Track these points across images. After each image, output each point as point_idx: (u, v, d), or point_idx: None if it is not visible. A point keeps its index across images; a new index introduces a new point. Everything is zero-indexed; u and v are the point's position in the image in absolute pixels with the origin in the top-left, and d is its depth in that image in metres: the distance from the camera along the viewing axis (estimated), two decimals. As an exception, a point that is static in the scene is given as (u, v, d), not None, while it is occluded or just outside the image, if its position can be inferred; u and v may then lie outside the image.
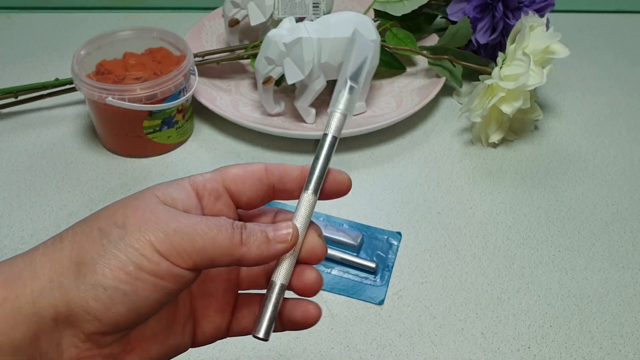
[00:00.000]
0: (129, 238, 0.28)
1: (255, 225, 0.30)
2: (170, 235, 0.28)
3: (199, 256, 0.29)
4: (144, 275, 0.28)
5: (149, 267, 0.28)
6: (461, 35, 0.75)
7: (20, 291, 0.27)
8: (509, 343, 0.52)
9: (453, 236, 0.61)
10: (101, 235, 0.28)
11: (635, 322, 0.54)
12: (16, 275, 0.28)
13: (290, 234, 0.31)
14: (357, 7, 0.86)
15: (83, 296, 0.27)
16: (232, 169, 0.32)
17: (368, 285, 0.56)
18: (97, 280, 0.27)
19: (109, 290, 0.27)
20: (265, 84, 0.68)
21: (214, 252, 0.29)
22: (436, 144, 0.72)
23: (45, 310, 0.27)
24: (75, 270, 0.28)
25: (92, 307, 0.27)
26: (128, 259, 0.27)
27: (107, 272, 0.27)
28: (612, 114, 0.77)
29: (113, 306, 0.27)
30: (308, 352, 0.51)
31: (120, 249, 0.28)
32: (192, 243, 0.28)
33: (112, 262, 0.27)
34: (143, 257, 0.28)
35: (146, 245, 0.28)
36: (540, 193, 0.66)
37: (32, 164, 0.68)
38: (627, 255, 0.59)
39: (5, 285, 0.27)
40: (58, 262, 0.28)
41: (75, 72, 0.64)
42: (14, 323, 0.27)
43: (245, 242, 0.30)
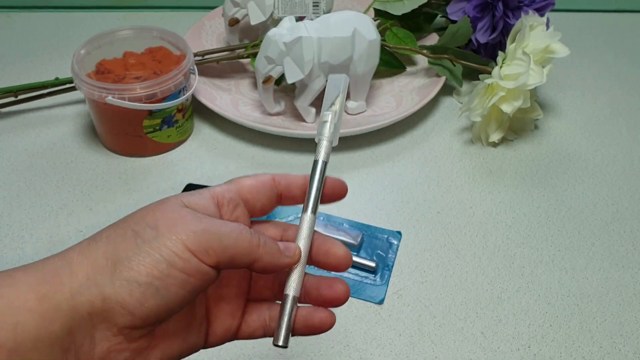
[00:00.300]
0: (161, 237, 0.30)
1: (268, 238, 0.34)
2: (199, 234, 0.31)
3: (223, 254, 0.31)
4: (175, 272, 0.30)
5: (180, 265, 0.30)
6: (461, 35, 0.75)
7: (58, 288, 0.29)
8: (509, 342, 0.52)
9: (453, 235, 0.61)
10: (135, 235, 0.30)
11: (635, 322, 0.54)
12: (53, 274, 0.29)
13: (296, 252, 0.35)
14: (357, 7, 0.85)
15: (118, 292, 0.29)
16: (245, 181, 0.35)
17: (368, 284, 0.56)
18: (132, 276, 0.29)
19: (143, 286, 0.29)
20: (265, 83, 0.68)
21: (236, 251, 0.32)
22: (436, 144, 0.72)
23: (82, 306, 0.29)
24: (111, 267, 0.30)
25: (127, 302, 0.29)
26: (161, 256, 0.30)
27: (141, 269, 0.29)
28: (612, 113, 0.77)
29: (146, 301, 0.29)
30: (308, 351, 0.51)
31: (153, 247, 0.30)
32: (218, 242, 0.31)
33: (146, 259, 0.30)
34: (175, 255, 0.30)
35: (178, 243, 0.30)
36: (540, 192, 0.66)
37: (32, 163, 0.68)
38: (627, 254, 0.59)
39: (43, 283, 0.29)
40: (94, 261, 0.30)
41: (75, 71, 0.64)
42: (52, 318, 0.28)
43: (261, 245, 0.33)
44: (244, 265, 0.32)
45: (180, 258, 0.30)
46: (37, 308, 0.28)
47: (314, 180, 0.36)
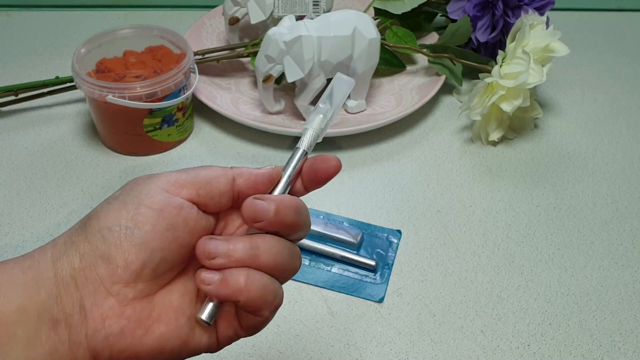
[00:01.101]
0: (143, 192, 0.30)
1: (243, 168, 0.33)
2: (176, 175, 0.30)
3: (199, 184, 0.30)
4: (144, 210, 0.29)
5: (147, 201, 0.29)
6: (461, 34, 0.75)
7: (42, 258, 0.29)
8: (509, 341, 0.52)
9: (453, 234, 0.61)
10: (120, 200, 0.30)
11: (634, 320, 0.54)
12: (39, 249, 0.30)
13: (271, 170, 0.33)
14: (357, 6, 0.86)
15: (92, 242, 0.28)
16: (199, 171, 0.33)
17: (368, 283, 0.56)
18: (102, 224, 0.29)
19: (114, 230, 0.28)
20: (266, 82, 0.68)
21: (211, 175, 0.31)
22: (436, 142, 0.72)
23: (62, 269, 0.28)
24: (83, 225, 0.30)
25: (101, 250, 0.28)
26: (129, 201, 0.29)
27: (109, 214, 0.29)
28: (611, 112, 0.77)
29: (120, 243, 0.28)
30: (308, 349, 0.51)
31: (124, 198, 0.29)
32: (195, 177, 0.31)
33: (114, 206, 0.29)
34: (145, 195, 0.29)
35: (151, 187, 0.30)
36: (540, 191, 0.66)
37: (32, 162, 0.68)
38: (627, 253, 0.60)
39: (29, 257, 0.29)
40: (72, 228, 0.30)
41: (75, 70, 0.64)
42: (36, 286, 0.28)
43: (234, 168, 0.32)
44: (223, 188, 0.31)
45: (150, 196, 0.29)
46: (20, 280, 0.28)
47: (288, 167, 0.35)
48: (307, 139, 0.36)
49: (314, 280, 0.56)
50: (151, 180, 0.30)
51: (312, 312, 0.54)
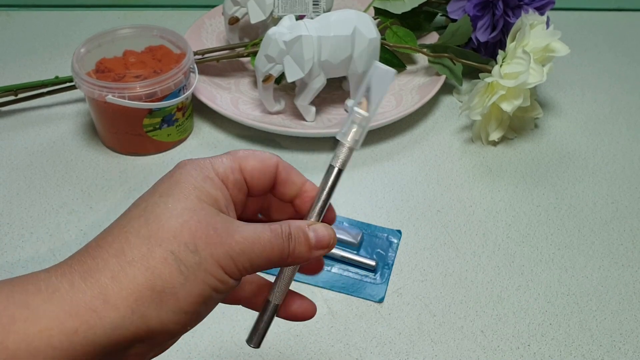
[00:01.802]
0: (205, 263, 0.29)
1: (298, 230, 0.32)
2: (235, 258, 0.30)
3: (253, 270, 0.31)
4: (215, 295, 0.30)
5: (221, 287, 0.30)
6: (461, 34, 0.75)
7: (95, 322, 0.27)
8: (509, 341, 0.52)
9: (453, 234, 0.61)
10: (177, 261, 0.29)
11: (634, 320, 0.54)
12: (86, 306, 0.27)
13: (330, 243, 0.33)
14: (357, 5, 0.85)
15: (165, 322, 0.29)
16: (249, 161, 0.33)
17: (368, 283, 0.56)
18: (180, 307, 0.29)
19: (189, 314, 0.29)
20: (265, 82, 0.68)
21: (266, 266, 0.31)
22: (436, 142, 0.72)
23: (124, 338, 0.28)
24: (157, 299, 0.28)
25: (172, 329, 0.29)
26: (206, 285, 0.29)
27: (189, 299, 0.29)
28: (612, 112, 0.77)
29: (189, 324, 0.30)
30: (308, 350, 0.51)
31: (198, 277, 0.29)
32: (251, 262, 0.31)
33: (194, 291, 0.29)
34: (217, 281, 0.30)
35: (219, 270, 0.30)
36: (540, 191, 0.66)
37: (32, 161, 0.68)
38: (627, 253, 0.59)
39: (73, 317, 0.27)
40: (137, 292, 0.28)
41: (75, 70, 0.64)
42: (85, 353, 0.27)
43: (291, 254, 0.32)
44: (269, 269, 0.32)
45: (221, 282, 0.30)
46: (64, 345, 0.26)
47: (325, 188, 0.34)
48: (343, 155, 0.35)
49: (314, 281, 0.56)
50: (216, 252, 0.30)
51: (312, 312, 0.54)
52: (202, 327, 0.52)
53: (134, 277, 0.28)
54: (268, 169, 0.33)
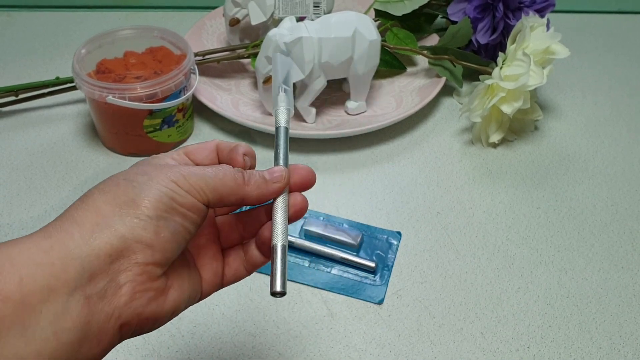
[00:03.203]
0: (155, 179, 0.32)
1: (251, 171, 0.36)
2: (187, 176, 0.33)
3: (212, 194, 0.33)
4: (176, 206, 0.32)
5: (179, 199, 0.32)
6: (462, 35, 0.75)
7: (67, 238, 0.30)
8: (508, 343, 0.52)
9: (453, 236, 0.61)
10: (129, 181, 0.32)
11: (634, 323, 0.54)
12: (58, 229, 0.30)
13: (283, 175, 0.36)
14: (358, 7, 0.86)
15: (133, 228, 0.30)
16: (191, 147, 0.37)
17: (368, 284, 0.56)
18: (142, 212, 0.31)
19: (154, 219, 0.31)
20: (266, 83, 0.68)
21: (223, 190, 0.34)
22: (436, 144, 0.72)
23: (99, 249, 0.30)
24: (118, 210, 0.31)
25: (144, 236, 0.31)
26: (161, 192, 0.32)
27: (147, 203, 0.31)
28: (612, 114, 0.77)
29: (161, 232, 0.31)
30: (307, 351, 0.51)
31: (151, 186, 0.32)
32: (205, 182, 0.33)
33: (150, 195, 0.31)
34: (173, 191, 0.32)
35: (171, 183, 0.32)
36: (540, 193, 0.66)
37: (32, 162, 0.68)
38: (627, 255, 0.59)
39: (47, 238, 0.30)
40: (97, 210, 0.31)
41: (75, 70, 0.64)
42: (64, 266, 0.29)
43: (247, 183, 0.35)
44: (233, 202, 0.34)
45: (178, 194, 0.32)
46: (44, 260, 0.28)
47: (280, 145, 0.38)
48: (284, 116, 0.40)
49: (314, 282, 0.56)
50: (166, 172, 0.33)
51: (312, 313, 0.54)
52: (202, 327, 0.52)
53: (93, 201, 0.31)
54: (207, 145, 0.37)
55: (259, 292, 0.55)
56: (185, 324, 0.53)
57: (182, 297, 0.34)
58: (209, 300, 0.54)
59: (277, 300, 0.55)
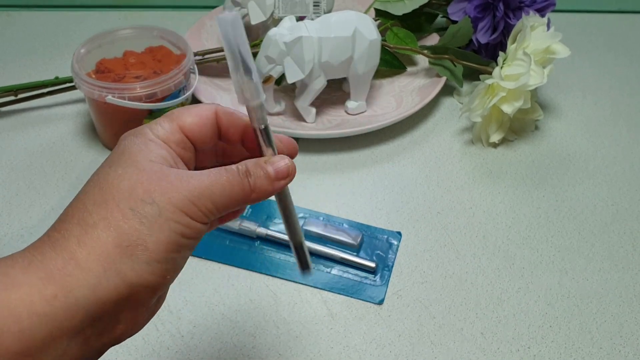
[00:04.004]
0: (164, 212, 0.30)
1: (255, 167, 0.33)
2: (195, 201, 0.31)
3: (218, 211, 0.32)
4: (185, 242, 0.31)
5: (188, 233, 0.31)
6: (462, 35, 0.75)
7: (73, 286, 0.28)
8: (509, 343, 0.52)
9: (453, 236, 0.61)
10: (136, 215, 0.30)
11: (635, 323, 0.54)
12: (60, 272, 0.28)
13: (289, 169, 0.34)
14: (358, 7, 0.85)
15: (141, 275, 0.29)
16: (186, 118, 0.34)
17: (368, 285, 0.56)
18: (152, 257, 0.29)
19: (163, 263, 0.30)
20: (266, 83, 0.68)
21: (231, 204, 0.32)
22: (436, 144, 0.71)
23: (107, 297, 0.29)
24: (127, 253, 0.29)
25: (151, 281, 0.30)
26: (172, 231, 0.30)
27: (159, 248, 0.30)
28: (612, 114, 0.77)
29: (167, 274, 0.30)
30: (307, 351, 0.51)
31: (161, 224, 0.30)
32: (214, 203, 0.31)
33: (160, 238, 0.30)
34: (182, 226, 0.30)
35: (182, 215, 0.30)
36: (540, 193, 0.66)
37: (31, 162, 0.68)
38: (627, 255, 0.59)
39: (50, 283, 0.28)
40: (104, 251, 0.29)
41: (75, 70, 0.64)
42: (69, 317, 0.28)
43: (254, 189, 0.33)
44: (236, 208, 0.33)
45: (187, 227, 0.30)
46: (46, 310, 0.27)
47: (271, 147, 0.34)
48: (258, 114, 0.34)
49: (314, 282, 0.56)
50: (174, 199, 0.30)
51: (312, 314, 0.54)
52: (202, 327, 0.52)
53: (99, 238, 0.29)
54: (206, 120, 0.34)
55: (259, 293, 0.55)
56: (185, 324, 0.53)
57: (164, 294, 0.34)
58: (209, 301, 0.54)
59: (277, 301, 0.54)
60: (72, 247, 0.29)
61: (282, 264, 0.57)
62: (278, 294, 0.55)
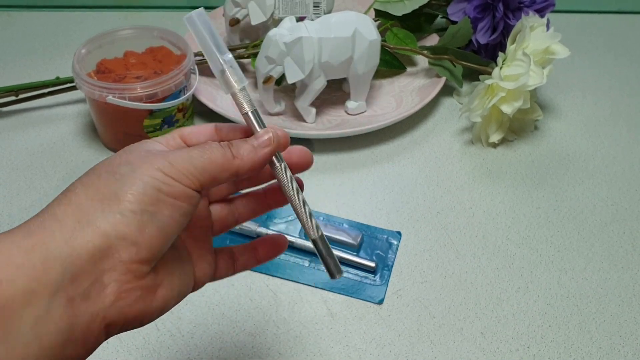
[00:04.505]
0: (138, 170, 0.30)
1: (239, 141, 0.34)
2: (173, 162, 0.31)
3: (202, 175, 0.31)
4: (163, 197, 0.30)
5: (166, 189, 0.30)
6: (462, 35, 0.75)
7: (48, 238, 0.28)
8: (508, 343, 0.52)
9: (453, 236, 0.61)
10: (110, 174, 0.30)
11: (634, 322, 0.54)
12: (38, 226, 0.29)
13: (270, 137, 0.34)
14: (358, 7, 0.86)
15: (115, 225, 0.29)
16: (186, 128, 0.36)
17: (368, 284, 0.56)
18: (125, 207, 0.29)
19: (138, 214, 0.29)
20: (266, 83, 0.68)
21: (213, 169, 0.32)
22: (436, 144, 0.72)
23: (81, 248, 0.28)
24: (100, 205, 0.29)
25: (127, 232, 0.29)
26: (146, 184, 0.30)
27: (131, 198, 0.29)
28: (612, 114, 0.77)
29: (145, 227, 0.30)
30: (307, 351, 0.51)
31: (134, 177, 0.30)
32: (194, 165, 0.31)
33: (133, 188, 0.30)
34: (159, 181, 0.30)
35: (157, 172, 0.30)
36: (540, 193, 0.66)
37: (32, 162, 0.68)
38: (627, 255, 0.59)
39: (28, 237, 0.28)
40: (79, 205, 0.29)
41: (76, 70, 0.64)
42: (45, 267, 0.28)
43: (236, 155, 0.33)
44: (227, 179, 0.33)
45: (165, 183, 0.30)
46: (24, 262, 0.27)
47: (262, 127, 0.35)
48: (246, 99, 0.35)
49: (314, 282, 0.56)
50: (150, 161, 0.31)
51: (312, 313, 0.54)
52: (202, 327, 0.52)
53: (75, 196, 0.30)
54: (205, 130, 0.36)
55: (259, 292, 0.55)
56: (185, 324, 0.53)
57: (172, 294, 0.33)
58: (209, 300, 0.54)
59: (277, 300, 0.55)
60: (53, 206, 0.30)
61: (282, 264, 0.57)
62: (278, 294, 0.55)
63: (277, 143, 0.34)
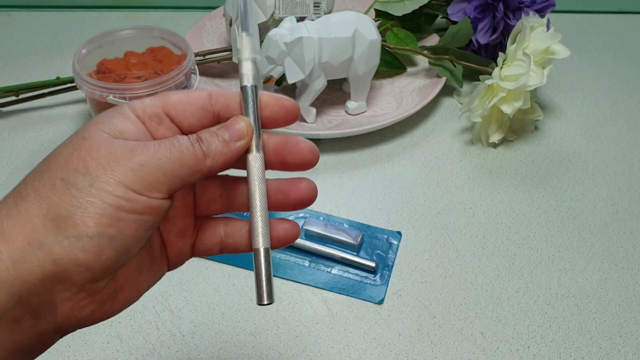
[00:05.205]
0: (98, 182, 0.27)
1: (208, 134, 0.30)
2: (137, 170, 0.28)
3: (170, 181, 0.29)
4: (125, 215, 0.27)
5: (128, 206, 0.27)
6: (462, 36, 0.75)
7: None
8: (509, 343, 0.52)
9: (453, 236, 0.61)
10: (67, 185, 0.27)
11: (634, 322, 0.54)
12: None
13: (244, 128, 0.31)
14: (358, 7, 0.86)
15: (70, 250, 0.27)
16: (173, 95, 0.31)
17: (368, 284, 0.56)
18: (81, 231, 0.27)
19: (95, 239, 0.27)
20: (266, 83, 0.68)
21: (183, 172, 0.29)
22: (436, 144, 0.72)
23: (29, 273, 0.26)
24: (54, 226, 0.27)
25: (82, 259, 0.27)
26: (105, 203, 0.27)
27: (87, 220, 0.27)
28: (612, 114, 0.77)
29: (103, 252, 0.27)
30: (308, 351, 0.51)
31: (93, 194, 0.27)
32: (161, 172, 0.28)
33: (90, 209, 0.27)
34: (119, 198, 0.27)
35: (118, 186, 0.27)
36: (540, 193, 0.66)
37: (32, 162, 0.68)
38: (627, 255, 0.60)
39: None
40: (29, 223, 0.27)
41: (76, 70, 0.64)
42: None
43: (207, 154, 0.30)
44: (198, 180, 0.30)
45: (127, 200, 0.27)
46: None
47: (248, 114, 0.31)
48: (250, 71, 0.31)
49: (314, 282, 0.56)
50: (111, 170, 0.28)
51: (312, 313, 0.54)
52: (202, 327, 0.52)
53: (27, 209, 0.27)
54: (194, 100, 0.31)
55: (259, 292, 0.55)
56: (186, 323, 0.53)
57: (138, 293, 0.31)
58: (209, 300, 0.54)
59: (277, 300, 0.55)
60: (1, 215, 0.27)
61: (282, 264, 0.57)
62: (278, 294, 0.55)
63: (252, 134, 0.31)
